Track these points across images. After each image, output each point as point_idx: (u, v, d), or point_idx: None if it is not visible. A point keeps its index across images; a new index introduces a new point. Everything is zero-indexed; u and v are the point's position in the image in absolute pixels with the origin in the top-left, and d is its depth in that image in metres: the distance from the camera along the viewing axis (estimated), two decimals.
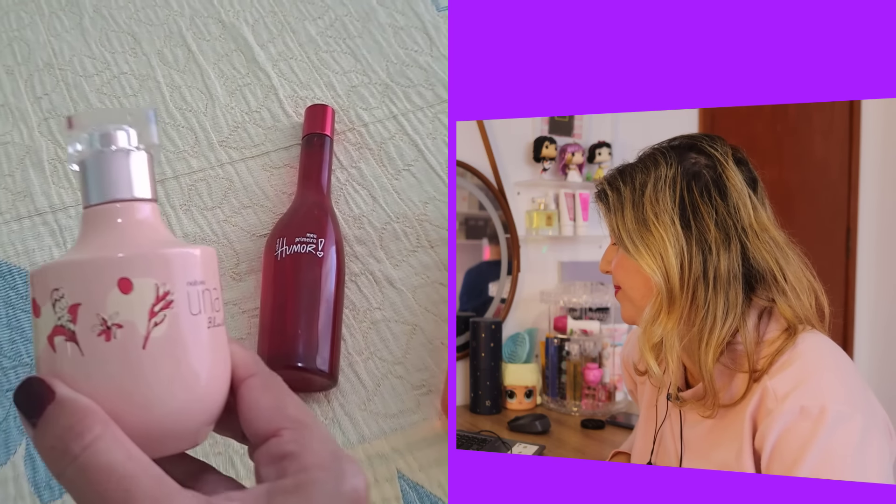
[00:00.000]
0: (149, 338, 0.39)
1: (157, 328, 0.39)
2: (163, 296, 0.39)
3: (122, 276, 0.39)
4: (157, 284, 0.39)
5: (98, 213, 0.42)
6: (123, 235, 0.42)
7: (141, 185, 0.43)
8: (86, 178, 0.43)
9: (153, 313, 0.39)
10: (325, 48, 0.92)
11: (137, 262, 0.40)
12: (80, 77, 0.89)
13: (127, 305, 0.39)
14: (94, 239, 0.42)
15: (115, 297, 0.39)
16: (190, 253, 0.42)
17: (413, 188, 0.82)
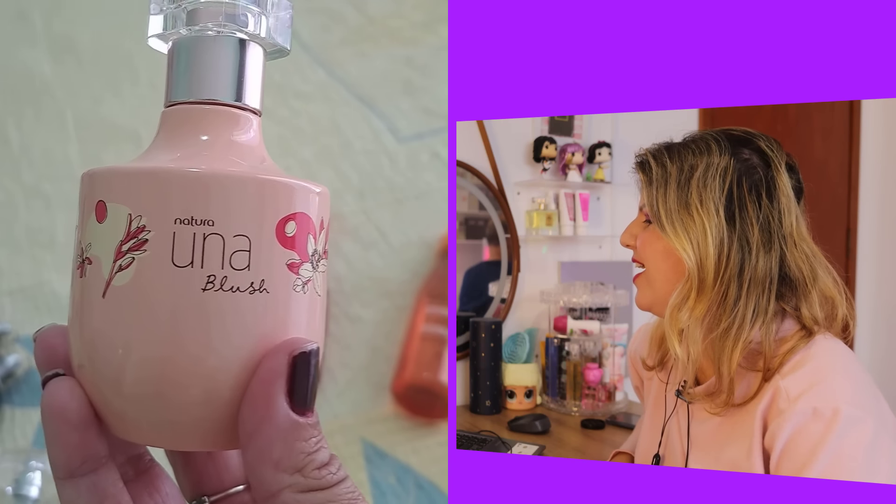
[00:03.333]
0: (109, 284, 0.30)
1: (120, 273, 0.30)
2: (135, 232, 0.30)
3: (100, 199, 0.31)
4: (129, 214, 0.30)
5: (178, 116, 0.33)
6: (191, 149, 0.32)
7: (248, 88, 0.33)
8: (176, 65, 0.33)
9: (119, 253, 0.30)
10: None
11: (117, 181, 0.30)
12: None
13: (100, 237, 0.31)
14: (158, 150, 0.32)
15: (92, 224, 0.31)
16: (196, 176, 0.30)
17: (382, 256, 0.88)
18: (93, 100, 0.92)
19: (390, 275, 0.88)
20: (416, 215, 0.89)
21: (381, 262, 0.89)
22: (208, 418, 0.32)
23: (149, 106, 0.90)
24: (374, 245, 0.89)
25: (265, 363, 0.31)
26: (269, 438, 0.31)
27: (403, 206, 0.89)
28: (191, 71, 0.32)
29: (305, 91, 0.91)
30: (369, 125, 0.92)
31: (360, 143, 0.91)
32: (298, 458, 0.31)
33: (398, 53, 0.93)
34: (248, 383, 0.31)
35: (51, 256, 0.88)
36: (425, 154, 0.91)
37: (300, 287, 0.32)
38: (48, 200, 0.90)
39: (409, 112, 0.91)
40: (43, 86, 0.92)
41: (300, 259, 0.32)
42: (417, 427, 0.84)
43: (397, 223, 0.89)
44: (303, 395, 0.31)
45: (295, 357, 0.31)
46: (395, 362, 0.85)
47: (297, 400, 0.31)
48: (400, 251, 0.89)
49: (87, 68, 0.92)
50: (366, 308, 0.87)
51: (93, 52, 0.93)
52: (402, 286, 0.87)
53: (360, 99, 0.92)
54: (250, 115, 0.33)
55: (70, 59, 0.92)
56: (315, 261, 0.33)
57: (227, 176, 0.30)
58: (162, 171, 0.30)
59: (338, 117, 0.92)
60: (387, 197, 0.90)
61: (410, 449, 0.82)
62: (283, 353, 0.31)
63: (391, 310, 0.87)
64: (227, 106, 0.32)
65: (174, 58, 0.33)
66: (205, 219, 0.30)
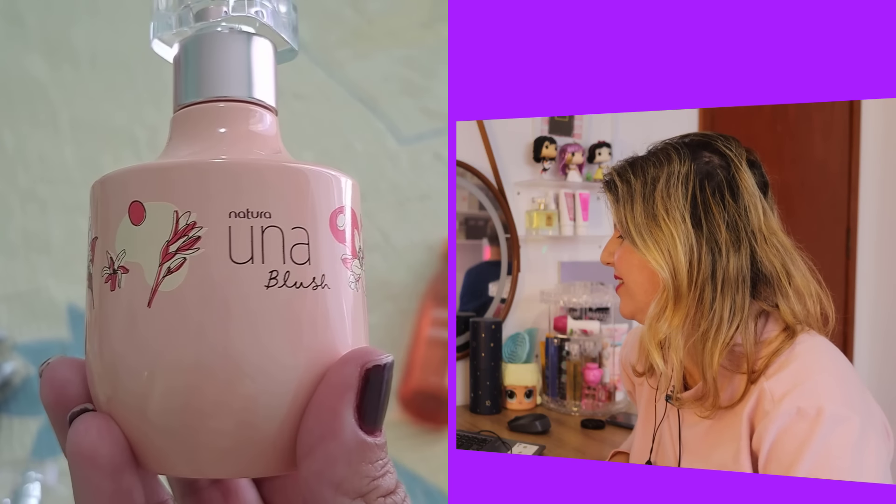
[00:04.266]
0: (156, 291, 0.27)
1: (169, 277, 0.27)
2: (185, 230, 0.27)
3: (134, 200, 0.28)
4: (176, 211, 0.27)
5: (191, 117, 0.31)
6: (212, 145, 0.30)
7: (263, 83, 0.31)
8: (185, 66, 0.31)
9: (167, 255, 0.27)
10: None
11: (155, 178, 0.27)
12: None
13: (138, 241, 0.27)
14: (177, 148, 0.30)
15: (125, 228, 0.28)
16: (248, 166, 0.28)
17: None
18: (88, 102, 0.91)
19: (394, 278, 0.87)
20: (419, 217, 0.89)
21: (385, 265, 0.88)
22: (271, 435, 0.28)
23: (145, 108, 0.90)
24: (376, 248, 0.88)
25: (335, 372, 0.28)
26: (333, 457, 0.28)
27: (406, 209, 0.89)
28: (201, 70, 0.30)
29: (305, 92, 0.90)
30: (370, 126, 0.92)
31: (361, 145, 0.91)
32: (363, 483, 0.28)
33: (398, 54, 0.93)
34: (313, 391, 0.28)
35: (47, 261, 0.87)
36: (427, 155, 0.91)
37: (353, 284, 0.30)
38: (44, 204, 0.89)
39: (409, 113, 0.91)
40: (38, 88, 0.91)
41: (351, 255, 0.30)
42: (424, 433, 0.83)
43: (400, 225, 0.89)
44: (373, 413, 0.28)
45: (368, 370, 0.28)
46: (401, 368, 0.84)
47: (366, 417, 0.28)
48: (403, 254, 0.88)
49: (83, 71, 0.92)
50: (370, 312, 0.87)
51: (88, 55, 0.92)
52: (406, 289, 0.87)
53: (360, 100, 0.92)
54: (265, 112, 0.31)
55: (65, 62, 0.92)
56: (361, 257, 0.31)
57: (279, 166, 0.28)
58: (205, 163, 0.28)
59: (338, 119, 0.92)
60: (389, 199, 0.89)
61: (418, 457, 0.81)
62: (355, 364, 0.28)
63: (395, 314, 0.86)
64: (241, 102, 0.31)
65: (182, 59, 0.31)
66: (262, 211, 0.27)
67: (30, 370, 0.83)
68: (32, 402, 0.82)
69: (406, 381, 0.83)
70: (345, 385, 0.28)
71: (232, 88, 0.30)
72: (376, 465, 0.28)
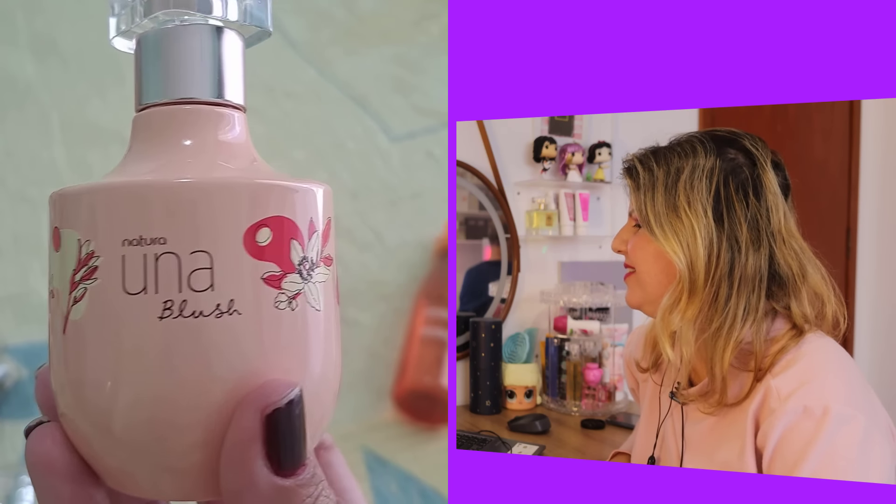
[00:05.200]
0: (67, 319, 0.27)
1: (76, 306, 0.26)
2: (85, 259, 0.26)
3: (55, 225, 0.28)
4: (79, 240, 0.26)
5: (152, 119, 0.29)
6: (172, 158, 0.28)
7: (232, 82, 0.29)
8: (143, 63, 0.29)
9: (73, 284, 0.26)
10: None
11: (66, 203, 0.27)
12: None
13: (58, 267, 0.27)
14: (133, 162, 0.29)
15: (52, 253, 0.28)
16: (138, 189, 0.26)
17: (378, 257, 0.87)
18: (78, 102, 0.90)
19: (387, 277, 0.87)
20: (412, 216, 0.89)
21: (377, 264, 0.88)
22: (188, 465, 0.27)
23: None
24: (369, 247, 0.88)
25: (236, 423, 0.27)
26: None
27: (398, 207, 0.89)
28: (161, 68, 0.28)
29: (296, 91, 0.90)
30: (361, 125, 0.91)
31: (352, 144, 0.90)
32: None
33: (389, 52, 0.93)
34: (223, 432, 0.27)
35: (38, 263, 0.87)
36: (419, 153, 0.91)
37: (285, 303, 0.28)
38: (34, 205, 0.88)
39: (401, 111, 0.91)
40: (26, 88, 0.90)
41: (282, 270, 0.28)
42: (419, 433, 0.83)
43: (392, 224, 0.89)
44: (288, 455, 0.27)
45: (269, 416, 0.26)
46: (395, 367, 0.84)
47: (282, 462, 0.27)
48: (396, 253, 0.88)
49: (72, 70, 0.91)
50: (363, 312, 0.87)
51: (77, 53, 0.91)
52: (400, 289, 0.87)
53: (351, 98, 0.92)
54: (233, 112, 0.29)
55: (54, 61, 0.91)
56: (306, 270, 0.28)
57: (169, 186, 0.26)
58: (104, 187, 0.26)
59: (329, 117, 0.91)
60: (381, 198, 0.89)
61: (412, 456, 0.82)
62: (255, 410, 0.26)
63: (389, 313, 0.86)
64: (206, 104, 0.29)
65: (141, 55, 0.29)
66: (156, 237, 0.25)
67: (21, 373, 0.82)
68: (24, 406, 0.82)
69: (400, 380, 0.83)
70: (248, 437, 0.26)
71: (195, 89, 0.28)
72: (305, 502, 0.27)
